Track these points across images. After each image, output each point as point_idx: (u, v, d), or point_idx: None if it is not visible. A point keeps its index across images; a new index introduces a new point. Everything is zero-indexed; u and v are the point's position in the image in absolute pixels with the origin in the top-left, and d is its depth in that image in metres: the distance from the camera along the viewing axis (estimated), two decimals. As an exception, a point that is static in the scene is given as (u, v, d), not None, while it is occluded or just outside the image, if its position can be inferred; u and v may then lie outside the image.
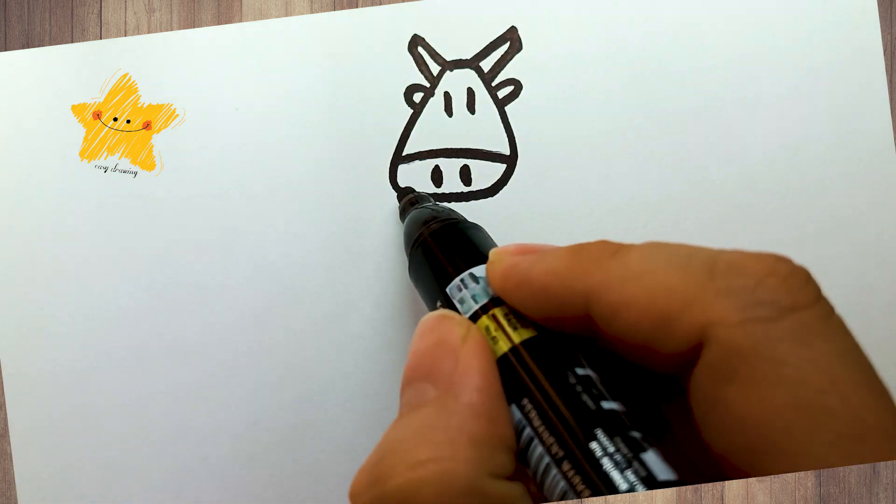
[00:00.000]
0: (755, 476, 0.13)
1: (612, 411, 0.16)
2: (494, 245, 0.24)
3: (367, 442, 0.35)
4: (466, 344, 0.17)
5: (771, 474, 0.13)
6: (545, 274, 0.17)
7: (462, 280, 0.21)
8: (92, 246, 0.36)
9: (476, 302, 0.20)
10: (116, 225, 0.36)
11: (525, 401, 0.17)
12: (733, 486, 0.52)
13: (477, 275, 0.21)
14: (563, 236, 0.35)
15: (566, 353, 0.18)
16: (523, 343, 0.18)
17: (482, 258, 0.22)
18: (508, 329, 0.18)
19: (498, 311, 0.19)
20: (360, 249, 0.35)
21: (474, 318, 0.19)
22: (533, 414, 0.16)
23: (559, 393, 0.16)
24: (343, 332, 0.35)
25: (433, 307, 0.23)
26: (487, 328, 0.19)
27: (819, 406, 0.13)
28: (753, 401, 0.13)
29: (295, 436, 0.35)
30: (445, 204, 0.36)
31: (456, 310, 0.20)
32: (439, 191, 0.36)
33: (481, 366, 0.17)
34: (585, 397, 0.16)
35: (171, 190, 0.36)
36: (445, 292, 0.21)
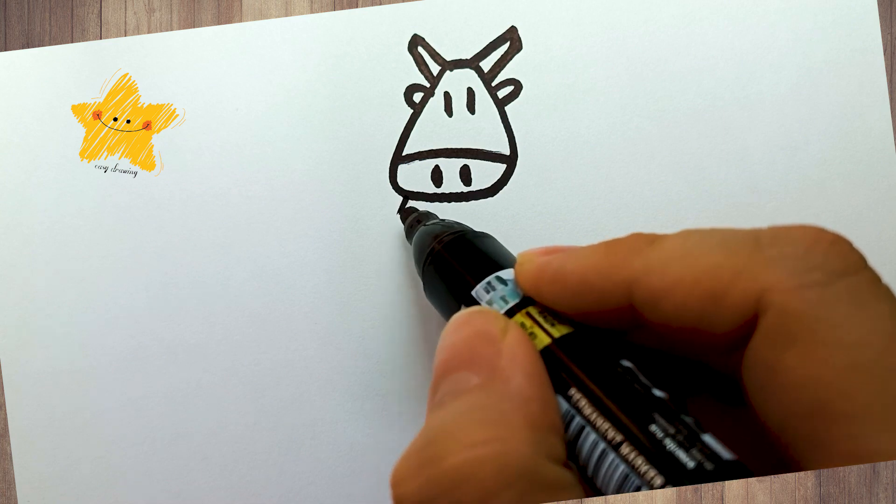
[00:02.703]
0: (817, 444, 0.13)
1: (662, 398, 0.16)
2: (508, 251, 0.24)
3: (368, 442, 0.35)
4: (508, 334, 0.17)
5: (831, 442, 0.13)
6: (582, 269, 0.17)
7: (489, 283, 0.21)
8: (92, 246, 0.36)
9: (506, 302, 0.19)
10: (116, 225, 0.36)
11: (572, 391, 0.16)
12: (733, 486, 0.52)
13: (504, 277, 0.21)
14: (563, 236, 0.35)
15: (608, 345, 0.17)
16: (562, 338, 0.18)
17: (502, 263, 0.22)
18: (546, 325, 0.18)
19: (532, 310, 0.19)
20: (360, 249, 0.35)
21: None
22: (583, 402, 0.16)
23: (610, 381, 0.16)
24: (343, 332, 0.35)
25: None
26: (523, 325, 0.18)
27: (879, 366, 0.13)
28: (814, 364, 0.13)
29: (295, 436, 0.35)
30: (444, 205, 0.36)
31: None
32: (439, 191, 0.36)
33: (527, 353, 0.16)
34: (636, 385, 0.16)
35: (171, 190, 0.36)
36: (471, 296, 0.21)
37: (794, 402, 0.14)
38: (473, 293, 0.21)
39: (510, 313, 0.19)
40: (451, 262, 0.24)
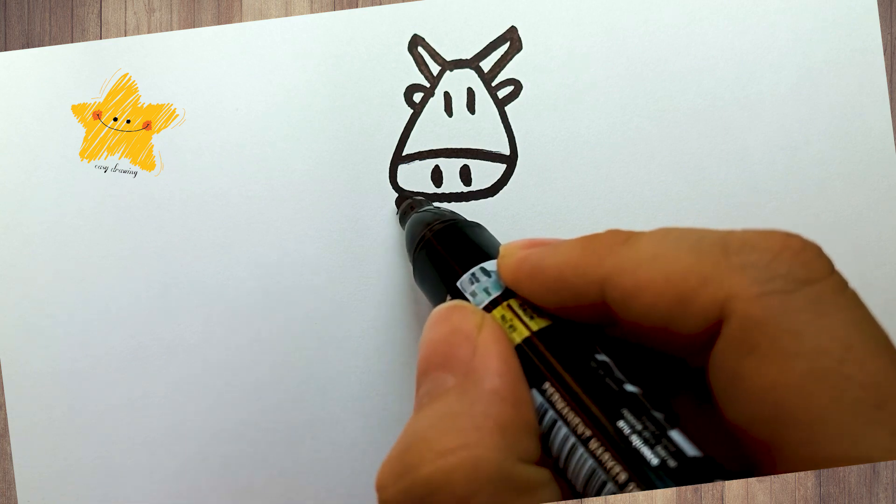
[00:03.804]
0: (778, 447, 0.14)
1: (634, 394, 0.16)
2: (497, 242, 0.24)
3: (367, 442, 0.35)
4: (483, 331, 0.17)
5: (791, 445, 0.13)
6: (559, 263, 0.17)
7: (473, 274, 0.21)
8: (92, 246, 0.36)
9: (489, 294, 0.20)
10: (116, 225, 0.36)
11: (546, 385, 0.17)
12: (733, 486, 0.52)
13: (488, 268, 0.21)
14: (563, 236, 0.35)
15: (584, 340, 0.18)
16: (540, 331, 0.18)
17: (490, 253, 0.22)
18: (525, 318, 0.18)
19: (513, 302, 0.19)
20: (360, 249, 0.35)
21: (487, 309, 0.19)
22: (556, 397, 0.16)
23: (583, 376, 0.16)
24: (343, 332, 0.35)
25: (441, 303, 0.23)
26: (503, 317, 0.19)
27: (837, 373, 0.13)
28: (773, 371, 0.14)
29: (295, 436, 0.35)
30: (443, 205, 0.36)
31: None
32: (439, 191, 0.36)
33: (500, 350, 0.17)
34: (608, 380, 0.16)
35: (171, 190, 0.36)
36: (456, 286, 0.21)
37: (754, 407, 0.14)
38: (458, 284, 0.21)
39: (493, 304, 0.19)
40: (440, 251, 0.24)
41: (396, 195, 0.35)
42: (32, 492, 0.35)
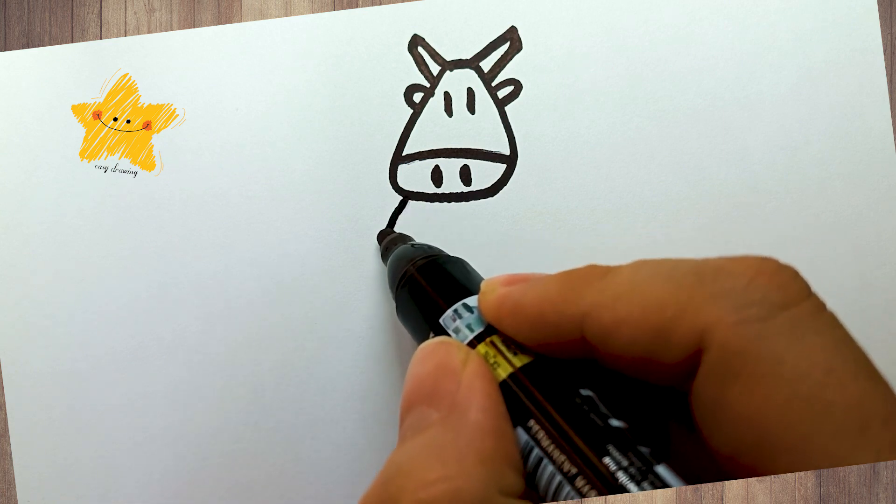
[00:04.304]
0: (763, 474, 0.14)
1: (619, 429, 0.16)
2: (480, 276, 0.25)
3: (367, 442, 0.35)
4: (468, 366, 0.17)
5: (777, 472, 0.13)
6: (538, 301, 0.18)
7: (456, 310, 0.21)
8: (92, 246, 0.36)
9: (472, 331, 0.20)
10: (116, 225, 0.36)
11: (531, 422, 0.17)
12: (733, 486, 0.52)
13: (470, 304, 0.21)
14: (563, 236, 0.35)
15: (568, 375, 0.18)
16: (524, 367, 0.18)
17: (472, 289, 0.22)
18: (508, 354, 0.18)
19: (496, 339, 0.19)
20: (360, 249, 0.35)
21: (471, 346, 0.19)
22: (541, 434, 0.16)
23: (567, 412, 0.16)
24: (343, 331, 0.35)
25: (425, 340, 0.23)
26: (486, 354, 0.19)
27: (818, 398, 0.13)
28: (755, 399, 0.14)
29: (295, 436, 0.35)
30: (444, 205, 0.36)
31: None
32: (439, 191, 0.36)
33: (484, 386, 0.17)
34: (593, 416, 0.16)
35: (171, 190, 0.36)
36: (439, 323, 0.21)
37: (738, 434, 0.14)
38: (441, 320, 0.21)
39: (477, 340, 0.19)
40: (422, 287, 0.25)
41: (378, 231, 0.35)
42: (32, 492, 0.35)
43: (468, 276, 0.24)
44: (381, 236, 0.35)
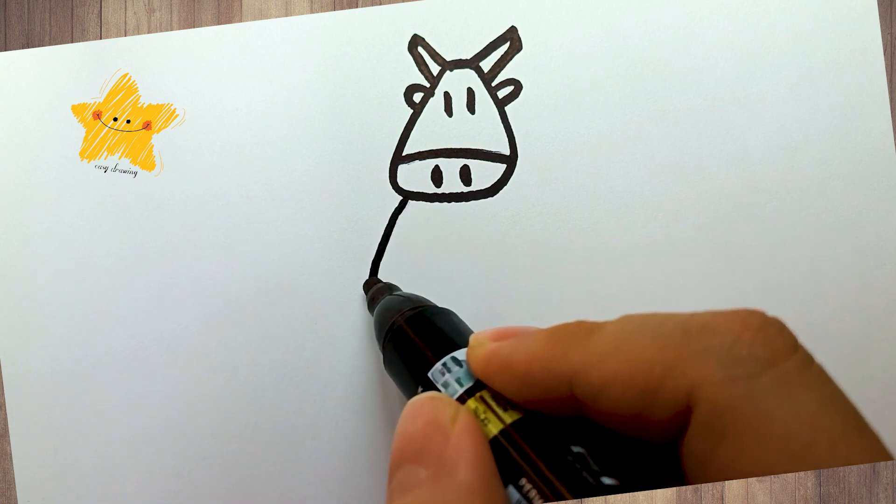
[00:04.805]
0: None
1: (611, 486, 0.16)
2: (468, 328, 0.25)
3: (367, 442, 0.35)
4: (457, 423, 0.17)
5: None
6: (526, 359, 0.17)
7: (444, 364, 0.21)
8: (92, 246, 0.36)
9: (461, 385, 0.20)
10: (116, 225, 0.36)
11: (523, 480, 0.16)
12: (733, 486, 0.52)
13: (459, 358, 0.21)
14: (563, 236, 0.35)
15: (559, 431, 0.18)
16: (515, 423, 0.18)
17: (461, 342, 0.22)
18: (498, 410, 0.18)
19: (485, 394, 0.19)
20: (360, 249, 0.35)
21: (461, 400, 0.19)
22: (533, 493, 0.16)
23: (559, 470, 0.16)
24: (343, 332, 0.35)
25: (413, 393, 0.23)
26: (476, 410, 0.18)
27: (807, 458, 0.13)
28: (745, 457, 0.14)
29: (295, 436, 0.35)
30: (444, 205, 0.36)
31: None
32: (439, 191, 0.36)
33: (474, 444, 0.17)
34: (585, 474, 0.16)
35: (171, 190, 0.36)
36: (427, 377, 0.21)
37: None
38: (430, 374, 0.21)
39: (466, 395, 0.19)
40: (410, 339, 0.24)
41: (364, 279, 0.35)
42: (32, 492, 0.35)
43: (457, 328, 0.24)
44: (367, 286, 0.34)
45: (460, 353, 0.21)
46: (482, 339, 0.19)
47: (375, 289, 0.33)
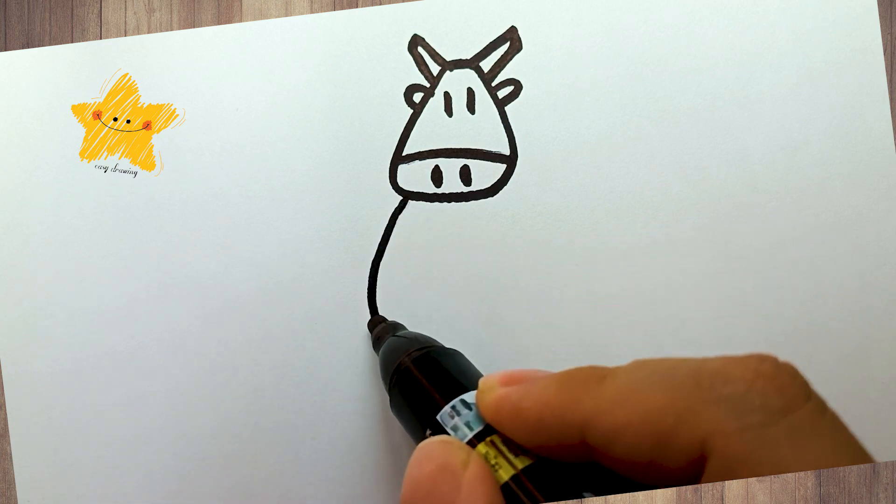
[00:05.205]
0: None
1: None
2: (476, 369, 0.24)
3: (367, 442, 0.35)
4: (469, 469, 0.17)
5: None
6: (537, 406, 0.17)
7: (454, 407, 0.21)
8: (92, 246, 0.36)
9: (471, 429, 0.20)
10: (116, 225, 0.36)
11: None
12: (733, 486, 0.52)
13: (468, 401, 0.21)
14: (563, 236, 0.35)
15: (571, 477, 0.17)
16: (526, 469, 0.18)
17: (469, 384, 0.22)
18: (510, 455, 0.18)
19: (496, 438, 0.19)
20: (360, 249, 0.35)
21: (471, 444, 0.19)
22: None
23: None
24: (343, 332, 0.35)
25: (421, 436, 0.22)
26: (487, 454, 0.18)
27: None
28: None
29: (295, 436, 0.35)
30: (444, 205, 0.36)
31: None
32: (439, 191, 0.36)
33: (486, 490, 0.17)
34: None
35: (171, 190, 0.36)
36: (436, 420, 0.21)
37: None
38: (439, 417, 0.21)
39: (476, 439, 0.19)
40: (418, 381, 0.24)
41: (369, 318, 0.35)
42: (32, 492, 0.35)
43: (465, 369, 0.24)
44: (372, 325, 0.34)
45: (469, 396, 0.21)
46: (492, 384, 0.19)
47: (380, 328, 0.33)
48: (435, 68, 0.36)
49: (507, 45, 0.36)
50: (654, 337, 0.35)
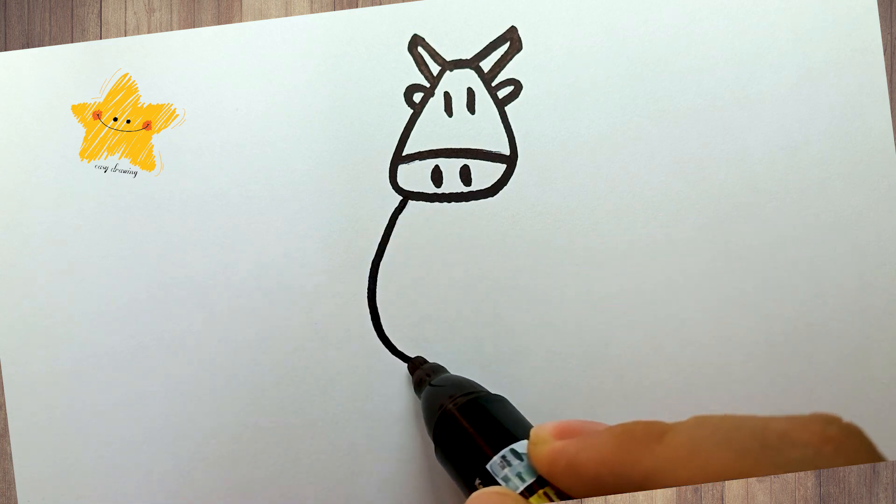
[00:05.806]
0: None
1: None
2: (523, 417, 0.24)
3: (367, 442, 0.35)
4: None
5: None
6: (594, 462, 0.17)
7: (504, 457, 0.21)
8: (91, 246, 0.36)
9: (522, 480, 0.20)
10: (116, 225, 0.36)
11: None
12: (733, 486, 0.52)
13: (519, 451, 0.21)
14: (563, 236, 0.35)
15: None
16: None
17: (518, 433, 0.22)
18: None
19: (549, 490, 0.19)
20: (360, 250, 0.35)
21: (523, 496, 0.19)
22: None
23: None
24: (343, 332, 0.35)
25: (470, 485, 0.22)
26: None
27: None
28: None
29: (295, 436, 0.35)
30: (444, 205, 0.36)
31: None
32: (439, 191, 0.36)
33: None
34: None
35: (171, 190, 0.36)
36: (486, 469, 0.21)
37: None
38: (489, 466, 0.21)
39: (528, 491, 0.19)
40: (465, 429, 0.24)
41: (409, 361, 0.34)
42: (32, 492, 0.35)
43: (513, 417, 0.24)
44: (413, 367, 0.34)
45: (520, 446, 0.21)
46: (545, 437, 0.19)
47: (422, 370, 0.33)
48: (435, 68, 0.36)
49: (507, 45, 0.36)
50: (654, 337, 0.35)
